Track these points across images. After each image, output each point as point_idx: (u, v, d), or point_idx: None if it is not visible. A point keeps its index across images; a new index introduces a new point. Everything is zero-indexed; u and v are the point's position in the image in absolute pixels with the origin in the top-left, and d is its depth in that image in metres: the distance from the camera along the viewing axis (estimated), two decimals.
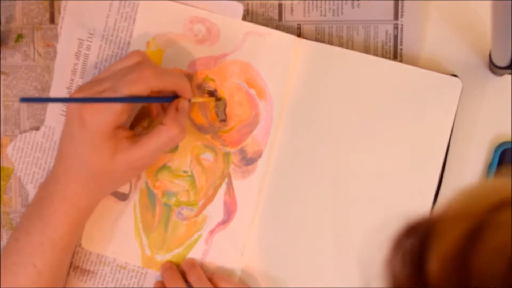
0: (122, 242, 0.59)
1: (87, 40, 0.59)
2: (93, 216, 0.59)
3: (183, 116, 0.54)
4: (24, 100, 0.54)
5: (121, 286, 0.60)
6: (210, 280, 0.57)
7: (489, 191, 0.33)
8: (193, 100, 0.57)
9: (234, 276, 0.59)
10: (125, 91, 0.51)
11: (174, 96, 0.54)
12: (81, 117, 0.52)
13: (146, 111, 0.59)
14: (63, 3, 0.59)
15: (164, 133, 0.52)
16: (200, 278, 0.57)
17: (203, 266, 0.59)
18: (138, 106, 0.58)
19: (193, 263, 0.58)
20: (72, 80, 0.60)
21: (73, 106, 0.52)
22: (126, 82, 0.51)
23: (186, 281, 0.58)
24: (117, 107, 0.51)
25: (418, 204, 0.57)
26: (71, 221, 0.54)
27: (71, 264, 0.60)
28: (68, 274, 0.59)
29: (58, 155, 0.55)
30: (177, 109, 0.54)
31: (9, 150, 0.61)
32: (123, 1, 0.59)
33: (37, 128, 0.61)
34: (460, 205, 0.32)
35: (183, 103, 0.54)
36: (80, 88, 0.54)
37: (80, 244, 0.60)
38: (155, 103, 0.57)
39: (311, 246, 0.58)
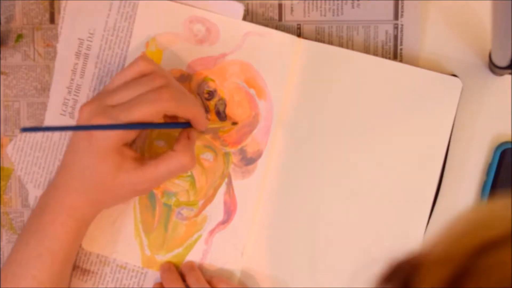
0: (122, 242, 0.59)
1: (87, 40, 0.59)
2: None
3: (193, 145, 0.53)
4: (26, 130, 0.55)
5: (121, 286, 0.60)
6: (209, 282, 0.57)
7: (475, 227, 0.30)
8: (207, 127, 0.56)
9: (234, 277, 0.59)
10: (137, 113, 0.50)
11: (186, 124, 0.53)
12: (89, 131, 0.51)
13: None
14: (63, 3, 0.59)
15: (175, 160, 0.52)
16: (199, 280, 0.57)
17: (203, 266, 0.59)
18: None
19: (192, 266, 0.58)
20: (72, 79, 0.60)
21: (84, 115, 0.51)
22: (143, 101, 0.50)
23: (185, 283, 0.58)
24: None
25: (418, 204, 0.57)
26: (69, 231, 0.54)
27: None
28: (69, 284, 0.59)
29: (61, 166, 0.55)
30: (188, 138, 0.53)
31: (9, 149, 0.61)
32: (123, 1, 0.59)
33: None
34: (443, 247, 0.31)
35: (194, 133, 0.53)
36: (90, 101, 0.53)
37: (80, 245, 0.60)
38: (164, 129, 0.56)
39: (311, 246, 0.58)
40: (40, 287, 0.53)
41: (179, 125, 0.54)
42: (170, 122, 0.54)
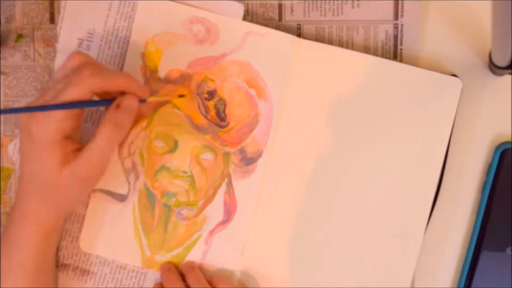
0: (121, 243, 0.59)
1: (87, 40, 0.59)
2: (92, 217, 0.59)
3: (125, 113, 0.51)
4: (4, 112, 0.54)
5: (121, 286, 0.60)
6: (210, 282, 0.57)
7: None
8: (151, 99, 0.55)
9: (234, 277, 0.59)
10: (64, 97, 0.49)
11: (109, 100, 0.53)
12: (28, 129, 0.50)
13: (144, 111, 0.59)
14: (62, 3, 0.59)
15: (98, 136, 0.50)
16: (199, 280, 0.57)
17: (203, 266, 0.59)
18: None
19: (192, 266, 0.58)
20: None
21: (22, 119, 0.51)
22: (66, 85, 0.50)
23: (186, 283, 0.58)
24: (59, 114, 0.49)
25: (418, 204, 0.57)
26: (36, 240, 0.53)
27: (70, 264, 0.60)
28: None
29: (19, 176, 0.54)
30: (117, 107, 0.52)
31: (10, 149, 0.61)
32: (122, 1, 0.59)
33: None
34: None
35: (127, 101, 0.52)
36: (30, 102, 0.52)
37: (78, 246, 0.60)
38: (94, 106, 0.54)
39: (311, 246, 0.58)
40: None
41: (101, 102, 0.53)
42: (92, 100, 0.52)
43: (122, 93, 0.52)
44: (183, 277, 0.58)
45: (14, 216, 0.54)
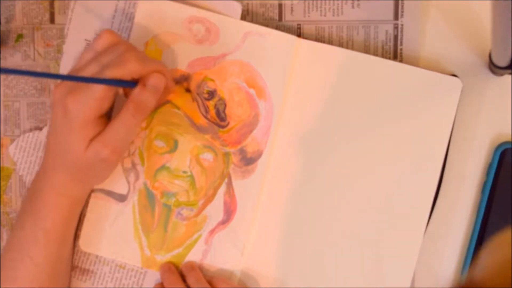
0: (121, 243, 0.59)
1: None
2: (92, 217, 0.59)
3: (150, 92, 0.52)
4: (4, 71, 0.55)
5: (121, 286, 0.60)
6: (210, 282, 0.57)
7: None
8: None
9: (234, 277, 0.59)
10: (108, 75, 0.50)
11: (133, 82, 0.53)
12: (64, 105, 0.51)
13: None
14: (71, 4, 0.60)
15: (122, 114, 0.52)
16: (199, 280, 0.57)
17: (203, 266, 0.59)
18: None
19: (192, 266, 0.58)
20: None
21: (57, 95, 0.52)
22: (108, 68, 0.51)
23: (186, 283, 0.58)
24: (98, 93, 0.51)
25: (418, 204, 0.57)
26: (61, 210, 0.54)
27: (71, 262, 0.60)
28: (70, 271, 0.59)
29: (46, 147, 0.55)
30: (143, 86, 0.53)
31: (11, 149, 0.61)
32: (127, 2, 0.59)
33: (40, 128, 0.61)
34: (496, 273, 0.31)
35: (153, 80, 0.52)
36: (62, 82, 0.53)
37: (78, 245, 0.60)
38: (126, 87, 0.55)
39: (311, 246, 0.58)
40: (37, 269, 0.54)
41: (127, 83, 0.53)
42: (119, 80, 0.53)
43: None
44: (183, 277, 0.58)
45: (39, 186, 0.54)
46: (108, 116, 0.55)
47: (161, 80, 0.53)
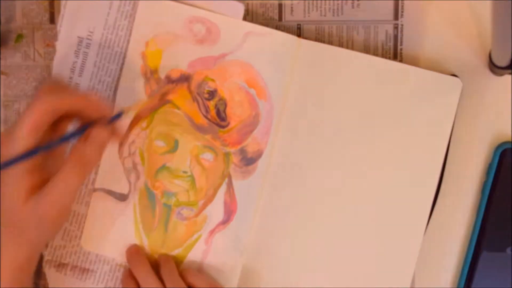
0: (123, 242, 0.59)
1: (87, 38, 0.59)
2: (93, 216, 0.59)
3: (93, 146, 0.49)
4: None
5: (121, 285, 0.60)
6: (181, 274, 0.57)
7: None
8: (127, 112, 0.53)
9: (234, 276, 0.58)
10: (26, 121, 0.46)
11: (81, 129, 0.49)
12: None
13: (146, 110, 0.59)
14: (63, 2, 0.59)
15: (64, 173, 0.48)
16: (171, 272, 0.56)
17: (203, 266, 0.59)
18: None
19: (168, 258, 0.58)
20: (71, 78, 0.60)
21: None
22: (26, 109, 0.47)
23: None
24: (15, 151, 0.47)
25: (418, 204, 0.57)
26: (8, 276, 0.49)
27: (68, 263, 0.60)
28: None
29: None
30: (85, 139, 0.49)
31: None
32: (123, 0, 0.59)
33: None
34: None
35: (95, 132, 0.49)
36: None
37: (79, 244, 0.60)
38: (63, 143, 0.50)
39: (311, 246, 0.58)
40: None
41: (74, 134, 0.50)
42: (61, 136, 0.50)
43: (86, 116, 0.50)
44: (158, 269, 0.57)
45: None
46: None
47: (102, 132, 0.49)
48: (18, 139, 0.47)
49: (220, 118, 0.58)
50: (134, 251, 0.58)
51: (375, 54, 0.58)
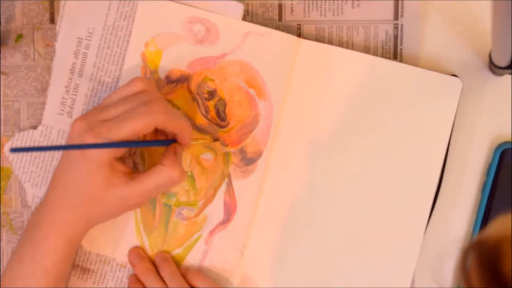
0: (123, 242, 0.59)
1: (86, 39, 0.59)
2: None
3: (180, 160, 0.54)
4: (15, 150, 0.55)
5: (121, 285, 0.60)
6: (184, 276, 0.57)
7: None
8: (192, 143, 0.56)
9: (234, 276, 0.58)
10: (130, 125, 0.50)
11: (170, 140, 0.54)
12: (82, 142, 0.51)
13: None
14: (62, 2, 0.59)
15: (164, 173, 0.52)
16: (173, 273, 0.57)
17: (203, 266, 0.59)
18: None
19: (165, 257, 0.58)
20: (71, 79, 0.60)
21: (76, 130, 0.52)
22: (135, 113, 0.51)
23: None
24: (120, 137, 0.51)
25: (418, 204, 0.57)
26: (61, 250, 0.53)
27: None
28: None
29: (53, 181, 0.55)
30: (175, 153, 0.53)
31: (6, 148, 0.61)
32: (122, 0, 0.59)
33: (34, 127, 0.61)
34: None
35: (179, 149, 0.54)
36: (85, 115, 0.53)
37: (72, 262, 0.59)
38: (152, 146, 0.56)
39: (311, 246, 0.58)
40: None
41: (163, 142, 0.55)
42: (154, 139, 0.55)
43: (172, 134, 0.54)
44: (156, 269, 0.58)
45: (41, 221, 0.54)
46: (122, 159, 0.55)
47: (182, 150, 0.55)
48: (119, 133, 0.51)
49: (220, 118, 0.58)
50: (137, 254, 0.58)
51: (375, 54, 0.58)
